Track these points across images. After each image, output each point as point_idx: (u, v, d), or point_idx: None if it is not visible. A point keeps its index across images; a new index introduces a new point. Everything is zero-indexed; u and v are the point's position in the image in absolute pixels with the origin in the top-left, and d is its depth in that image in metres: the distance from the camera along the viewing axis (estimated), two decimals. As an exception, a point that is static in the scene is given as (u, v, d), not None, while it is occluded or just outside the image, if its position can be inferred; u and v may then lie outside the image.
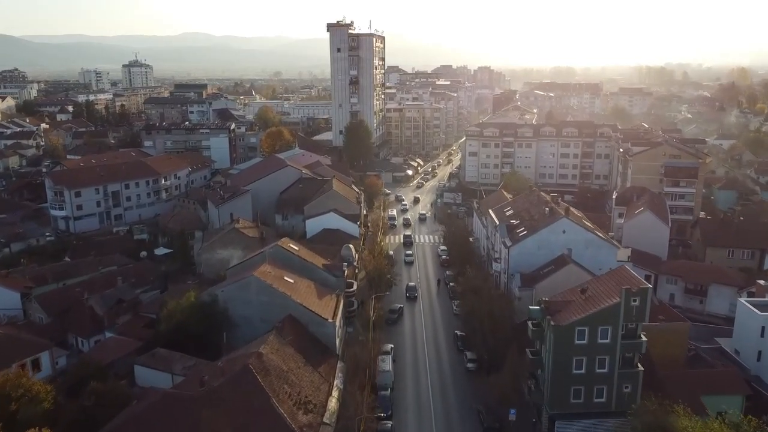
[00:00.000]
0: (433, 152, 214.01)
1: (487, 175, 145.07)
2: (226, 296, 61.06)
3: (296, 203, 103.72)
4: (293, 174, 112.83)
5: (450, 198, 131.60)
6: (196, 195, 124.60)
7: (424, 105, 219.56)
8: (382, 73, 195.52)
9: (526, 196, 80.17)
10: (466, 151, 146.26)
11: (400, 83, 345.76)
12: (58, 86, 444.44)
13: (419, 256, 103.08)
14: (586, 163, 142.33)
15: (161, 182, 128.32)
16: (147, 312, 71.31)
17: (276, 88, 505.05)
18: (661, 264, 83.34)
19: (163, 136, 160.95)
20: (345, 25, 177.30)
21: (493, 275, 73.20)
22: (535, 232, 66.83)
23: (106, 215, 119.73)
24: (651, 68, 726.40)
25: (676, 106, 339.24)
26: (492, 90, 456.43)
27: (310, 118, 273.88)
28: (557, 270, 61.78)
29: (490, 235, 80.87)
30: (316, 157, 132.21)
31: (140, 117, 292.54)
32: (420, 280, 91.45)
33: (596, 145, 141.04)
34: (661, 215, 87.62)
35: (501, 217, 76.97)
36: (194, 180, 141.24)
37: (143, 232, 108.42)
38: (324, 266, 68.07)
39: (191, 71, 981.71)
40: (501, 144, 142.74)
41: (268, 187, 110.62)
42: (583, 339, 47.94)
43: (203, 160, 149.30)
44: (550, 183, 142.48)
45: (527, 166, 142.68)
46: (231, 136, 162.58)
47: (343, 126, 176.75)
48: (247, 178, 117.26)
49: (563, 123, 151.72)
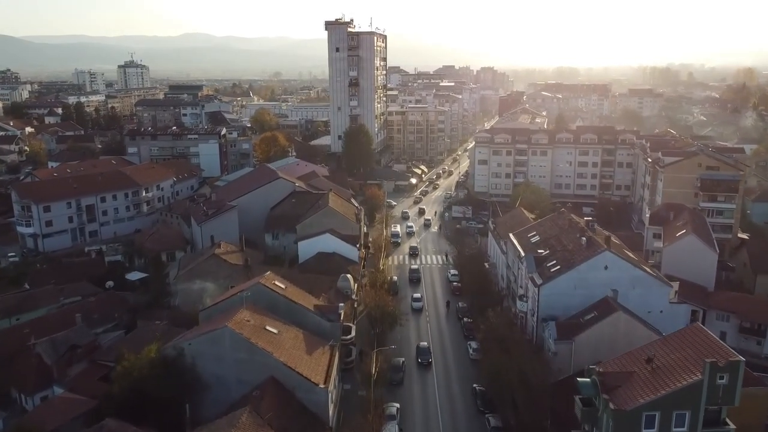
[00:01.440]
0: (437, 158, 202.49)
1: (498, 185, 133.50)
2: (195, 350, 49.58)
3: (288, 221, 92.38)
4: (286, 187, 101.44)
5: (459, 212, 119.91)
6: (180, 208, 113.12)
7: (427, 108, 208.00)
8: (383, 74, 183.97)
9: (554, 219, 68.57)
10: (475, 158, 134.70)
11: (401, 84, 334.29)
12: (51, 87, 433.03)
13: (427, 282, 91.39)
14: (606, 173, 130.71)
15: (142, 194, 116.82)
16: (106, 359, 59.79)
17: (275, 89, 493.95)
18: (709, 296, 71.75)
19: (149, 142, 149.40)
20: (344, 23, 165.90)
21: (518, 316, 61.60)
22: (571, 268, 55.28)
23: (80, 232, 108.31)
24: (656, 69, 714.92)
25: (686, 108, 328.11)
26: (496, 91, 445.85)
27: (308, 121, 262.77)
28: (601, 318, 50.23)
29: (511, 263, 69.34)
30: (311, 167, 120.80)
31: (132, 120, 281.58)
32: (429, 313, 79.86)
33: (617, 153, 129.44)
34: (706, 238, 76.04)
35: (525, 244, 65.43)
36: (180, 191, 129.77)
37: (117, 252, 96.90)
38: (316, 308, 56.53)
39: (191, 72, 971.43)
40: (513, 151, 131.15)
41: (257, 202, 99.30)
42: (652, 427, 36.47)
43: (190, 168, 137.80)
44: (566, 194, 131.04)
45: (542, 175, 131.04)
46: (221, 142, 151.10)
47: (342, 131, 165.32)
48: (234, 190, 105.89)
49: (581, 128, 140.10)
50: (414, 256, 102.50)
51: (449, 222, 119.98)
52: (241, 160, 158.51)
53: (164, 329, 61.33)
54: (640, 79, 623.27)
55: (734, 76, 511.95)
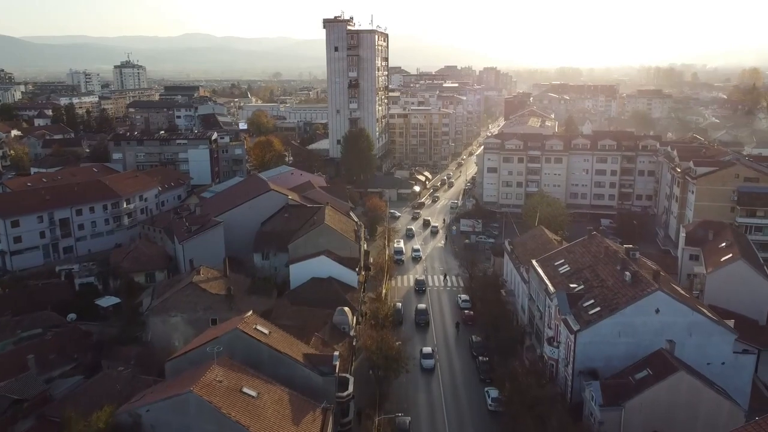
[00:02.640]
0: (441, 162, 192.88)
1: (509, 195, 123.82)
2: (155, 419, 40.02)
3: (280, 239, 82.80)
4: (278, 200, 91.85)
5: (468, 225, 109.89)
6: (164, 221, 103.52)
7: (431, 110, 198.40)
8: (385, 75, 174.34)
9: (586, 245, 58.85)
10: (484, 165, 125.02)
11: (403, 85, 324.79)
12: (46, 88, 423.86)
13: (434, 308, 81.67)
14: (625, 181, 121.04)
15: (123, 206, 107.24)
16: (58, 416, 50.14)
17: (274, 89, 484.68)
18: (763, 333, 62.03)
19: (135, 147, 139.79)
20: (343, 20, 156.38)
21: (546, 362, 51.92)
22: (614, 311, 45.60)
23: (53, 248, 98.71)
24: (660, 69, 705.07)
25: (696, 110, 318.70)
26: (499, 92, 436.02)
27: (306, 123, 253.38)
28: (659, 379, 40.59)
29: (535, 295, 59.72)
30: (307, 176, 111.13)
31: (124, 122, 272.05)
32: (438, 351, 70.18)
33: (638, 160, 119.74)
34: (756, 263, 66.37)
35: (553, 275, 55.79)
36: (166, 201, 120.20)
37: (91, 273, 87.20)
38: (307, 359, 46.89)
39: (191, 72, 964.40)
40: (526, 158, 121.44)
41: (246, 217, 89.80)
42: None
43: (177, 176, 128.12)
44: (583, 204, 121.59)
45: (556, 184, 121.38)
46: (212, 147, 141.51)
47: (341, 135, 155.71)
48: (221, 203, 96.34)
49: (599, 133, 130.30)
50: (421, 292, 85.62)
51: (457, 236, 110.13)
52: (234, 166, 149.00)
53: (128, 378, 51.74)
54: (643, 80, 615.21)
55: (739, 77, 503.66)
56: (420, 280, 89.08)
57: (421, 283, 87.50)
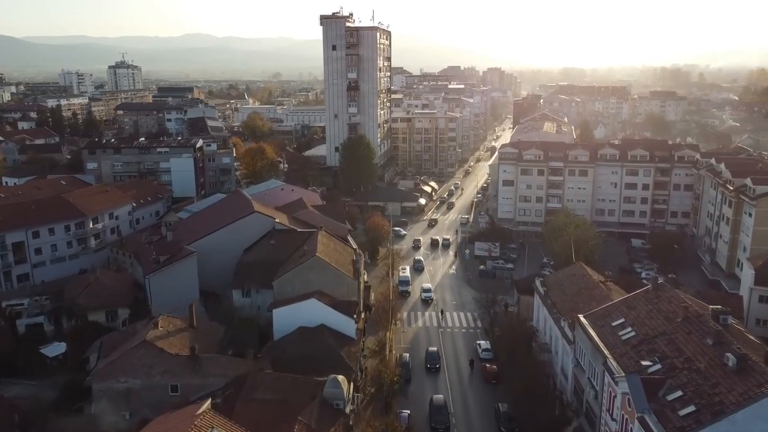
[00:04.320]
0: (447, 170, 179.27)
1: (527, 211, 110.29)
2: None
3: (264, 271, 69.50)
4: (262, 224, 78.26)
5: (483, 249, 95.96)
6: (136, 243, 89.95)
7: (436, 114, 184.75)
8: (387, 76, 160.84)
9: (650, 299, 45.16)
10: (499, 177, 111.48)
11: (406, 87, 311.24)
12: (37, 89, 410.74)
13: (448, 357, 68.13)
14: (659, 197, 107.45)
15: (89, 225, 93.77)
16: None
17: (273, 90, 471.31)
18: None
19: (111, 156, 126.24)
20: (342, 17, 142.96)
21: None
22: (719, 416, 32.02)
23: (4, 277, 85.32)
24: (666, 69, 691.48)
25: (710, 112, 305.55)
26: (504, 93, 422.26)
27: (304, 126, 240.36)
28: None
29: (585, 362, 46.20)
30: (299, 192, 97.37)
31: (113, 125, 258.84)
32: (454, 408, 56.70)
33: (674, 173, 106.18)
34: None
35: (612, 342, 42.23)
36: (142, 218, 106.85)
37: (42, 311, 73.71)
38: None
39: (191, 73, 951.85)
40: (547, 170, 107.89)
41: (225, 243, 76.41)
42: None
43: (156, 189, 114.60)
44: (610, 222, 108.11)
45: (581, 199, 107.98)
46: (197, 156, 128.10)
47: (339, 141, 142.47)
48: (197, 226, 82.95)
49: (629, 142, 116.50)
50: (435, 369, 64.93)
51: (471, 261, 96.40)
52: (222, 176, 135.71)
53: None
54: (649, 80, 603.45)
55: (747, 78, 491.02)
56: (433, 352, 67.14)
57: (434, 359, 65.95)
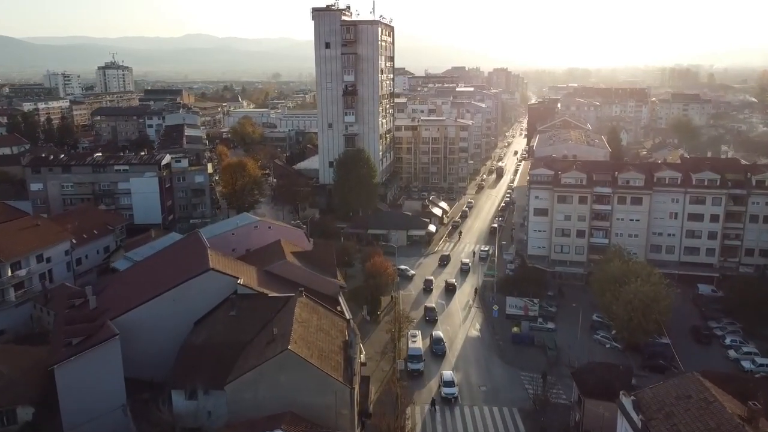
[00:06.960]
0: (458, 185, 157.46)
1: (565, 248, 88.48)
2: None
3: (215, 364, 48.06)
4: (221, 286, 56.35)
5: (518, 307, 73.31)
6: (63, 298, 68.22)
7: (446, 121, 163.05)
8: (390, 79, 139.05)
9: None
10: (531, 206, 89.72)
11: (409, 89, 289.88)
12: (20, 91, 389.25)
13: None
14: (731, 230, 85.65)
15: (7, 273, 72.35)
16: None
17: (270, 92, 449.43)
18: None
19: (59, 176, 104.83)
20: (337, 10, 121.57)
21: None
22: None
23: None
24: (674, 70, 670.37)
25: (732, 115, 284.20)
26: (511, 95, 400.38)
27: (299, 132, 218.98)
28: None
29: None
30: (279, 231, 74.99)
31: (90, 132, 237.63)
32: None
33: (750, 201, 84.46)
34: None
35: None
36: (86, 257, 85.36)
37: None
38: None
39: (190, 74, 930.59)
40: (590, 198, 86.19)
41: (168, 315, 54.68)
42: None
43: (104, 218, 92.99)
44: (668, 261, 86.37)
45: (633, 233, 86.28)
46: (164, 174, 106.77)
47: (333, 155, 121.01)
48: (134, 284, 61.34)
49: (694, 161, 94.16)
50: None
51: (499, 320, 74.31)
52: (194, 198, 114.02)
53: None
54: (656, 81, 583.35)
55: (758, 78, 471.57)
56: None
57: None
